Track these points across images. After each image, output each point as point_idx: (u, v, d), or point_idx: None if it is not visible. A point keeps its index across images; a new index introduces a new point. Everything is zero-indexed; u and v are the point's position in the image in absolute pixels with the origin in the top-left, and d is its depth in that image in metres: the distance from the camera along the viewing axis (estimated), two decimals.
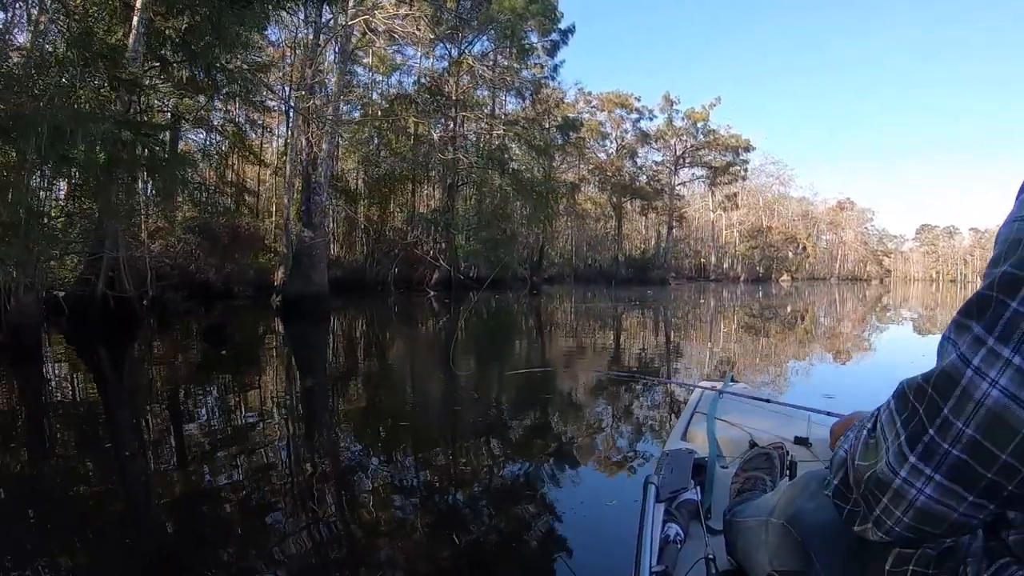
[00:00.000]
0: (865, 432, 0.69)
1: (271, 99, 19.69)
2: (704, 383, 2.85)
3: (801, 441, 1.93)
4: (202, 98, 14.73)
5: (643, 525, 1.25)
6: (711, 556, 1.15)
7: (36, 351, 7.73)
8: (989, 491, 0.57)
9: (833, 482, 0.75)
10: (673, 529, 1.31)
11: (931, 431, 0.58)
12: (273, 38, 21.82)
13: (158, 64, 10.12)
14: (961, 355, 0.57)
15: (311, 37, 15.48)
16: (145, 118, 11.06)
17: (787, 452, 1.57)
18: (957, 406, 0.57)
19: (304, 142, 14.67)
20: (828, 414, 2.15)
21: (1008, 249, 0.57)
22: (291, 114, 16.30)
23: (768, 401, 2.40)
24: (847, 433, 0.76)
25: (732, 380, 2.76)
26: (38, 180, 8.10)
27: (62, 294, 10.71)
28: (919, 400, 0.60)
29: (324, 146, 14.50)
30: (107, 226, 9.97)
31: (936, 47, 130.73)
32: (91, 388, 6.10)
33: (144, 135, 7.87)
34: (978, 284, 0.61)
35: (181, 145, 20.99)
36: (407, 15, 14.79)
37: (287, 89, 20.59)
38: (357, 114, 27.32)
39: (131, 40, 9.72)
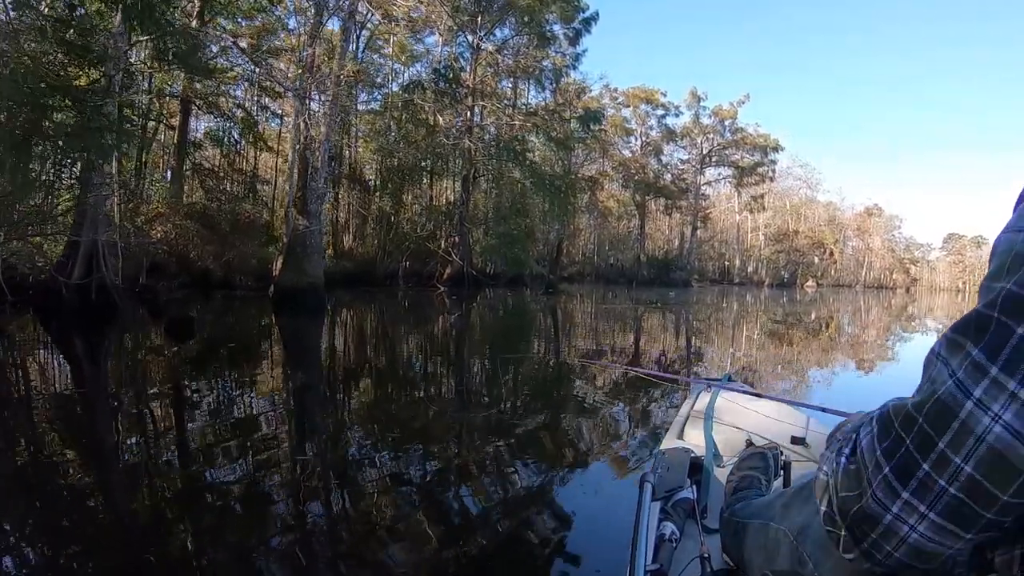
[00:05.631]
0: (844, 458, 0.64)
1: (278, 85, 19.03)
2: (702, 381, 2.81)
3: (798, 441, 1.93)
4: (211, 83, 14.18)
5: (639, 523, 1.24)
6: (707, 555, 1.15)
7: None
8: (988, 528, 0.53)
9: (821, 508, 0.69)
10: (669, 528, 1.30)
11: (925, 466, 0.54)
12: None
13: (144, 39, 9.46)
14: (959, 382, 0.52)
15: (312, 14, 14.74)
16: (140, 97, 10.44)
17: (781, 452, 1.55)
18: (955, 440, 0.52)
19: (302, 124, 13.88)
20: (823, 410, 2.18)
21: (1012, 263, 0.52)
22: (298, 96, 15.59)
23: (763, 397, 2.38)
24: (827, 452, 0.70)
25: (730, 379, 2.74)
26: None
27: (43, 277, 10.19)
28: (906, 429, 0.56)
29: (323, 128, 13.67)
30: (86, 209, 9.35)
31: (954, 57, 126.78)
32: (40, 383, 5.62)
33: (81, 101, 7.14)
34: None
35: (200, 132, 20.65)
36: None
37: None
38: (376, 104, 26.82)
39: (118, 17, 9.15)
